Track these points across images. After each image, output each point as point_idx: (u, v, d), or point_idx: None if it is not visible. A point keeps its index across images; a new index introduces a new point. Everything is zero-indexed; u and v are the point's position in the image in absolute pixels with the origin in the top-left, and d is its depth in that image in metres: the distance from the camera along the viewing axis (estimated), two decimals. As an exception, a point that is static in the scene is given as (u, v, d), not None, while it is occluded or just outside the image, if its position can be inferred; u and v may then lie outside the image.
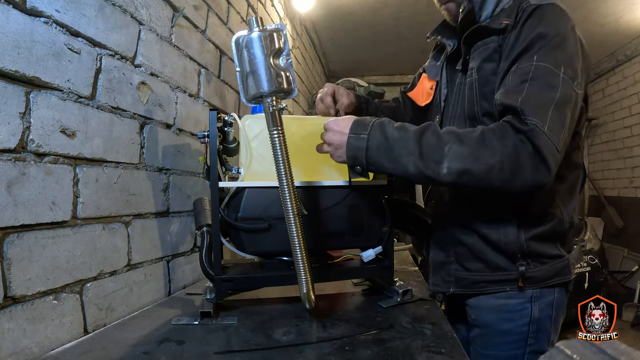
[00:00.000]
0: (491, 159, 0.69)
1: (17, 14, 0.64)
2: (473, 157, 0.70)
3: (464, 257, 0.89)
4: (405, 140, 0.74)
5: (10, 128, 0.64)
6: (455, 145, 0.71)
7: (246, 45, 0.72)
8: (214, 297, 0.87)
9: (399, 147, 0.75)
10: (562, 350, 0.31)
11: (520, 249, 0.83)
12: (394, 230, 1.01)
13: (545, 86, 0.71)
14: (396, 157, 0.75)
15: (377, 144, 0.76)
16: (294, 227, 0.74)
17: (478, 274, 0.87)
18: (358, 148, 0.77)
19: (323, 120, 0.98)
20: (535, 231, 0.83)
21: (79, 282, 0.78)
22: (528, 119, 0.68)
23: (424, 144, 0.73)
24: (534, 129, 0.68)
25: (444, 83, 1.01)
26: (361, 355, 0.67)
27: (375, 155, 0.77)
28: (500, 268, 0.85)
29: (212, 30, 1.38)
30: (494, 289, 0.86)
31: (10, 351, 0.63)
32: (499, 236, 0.84)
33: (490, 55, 0.83)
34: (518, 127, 0.69)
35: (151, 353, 0.68)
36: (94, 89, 0.82)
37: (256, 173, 0.90)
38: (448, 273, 0.91)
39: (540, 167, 0.69)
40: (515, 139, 0.69)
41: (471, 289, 0.89)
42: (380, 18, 3.30)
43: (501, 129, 0.71)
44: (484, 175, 0.70)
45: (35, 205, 0.68)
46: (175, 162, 1.13)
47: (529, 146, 0.68)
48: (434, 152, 0.72)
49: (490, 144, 0.70)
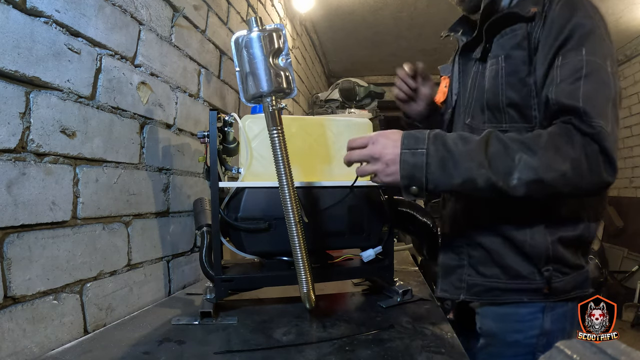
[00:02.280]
0: (562, 166, 0.66)
1: (17, 14, 0.64)
2: (545, 166, 0.67)
3: (480, 261, 0.82)
4: (472, 152, 0.69)
5: (10, 128, 0.64)
6: (525, 155, 0.67)
7: (245, 45, 0.72)
8: (214, 297, 0.87)
9: (467, 161, 0.69)
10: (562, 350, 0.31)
11: (547, 253, 0.76)
12: (394, 230, 1.01)
13: (600, 84, 0.69)
14: (464, 171, 0.69)
15: (439, 159, 0.69)
16: (294, 227, 0.74)
17: (493, 281, 0.80)
18: (415, 166, 0.70)
19: (323, 120, 0.98)
20: (562, 234, 0.76)
21: (79, 282, 0.78)
22: (594, 121, 0.66)
23: (492, 155, 0.68)
24: (600, 131, 0.66)
25: (455, 76, 0.95)
26: (361, 355, 0.67)
27: (438, 171, 0.70)
28: (520, 276, 0.77)
29: (212, 30, 1.38)
30: (509, 298, 0.78)
31: (10, 351, 0.63)
32: (525, 237, 0.77)
33: (519, 42, 0.77)
34: (584, 130, 0.67)
35: (151, 353, 0.68)
36: (94, 89, 0.82)
37: (256, 173, 0.90)
38: (459, 278, 0.84)
39: (608, 167, 0.67)
40: (582, 141, 0.67)
41: (483, 296, 0.81)
42: (380, 18, 3.30)
43: (567, 133, 0.68)
44: (555, 183, 0.67)
45: (35, 205, 0.68)
46: (175, 162, 1.13)
47: (595, 148, 0.66)
48: (503, 162, 0.68)
49: (560, 150, 0.67)
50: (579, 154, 0.67)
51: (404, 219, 1.12)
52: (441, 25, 1.16)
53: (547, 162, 0.67)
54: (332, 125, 0.97)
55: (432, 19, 3.26)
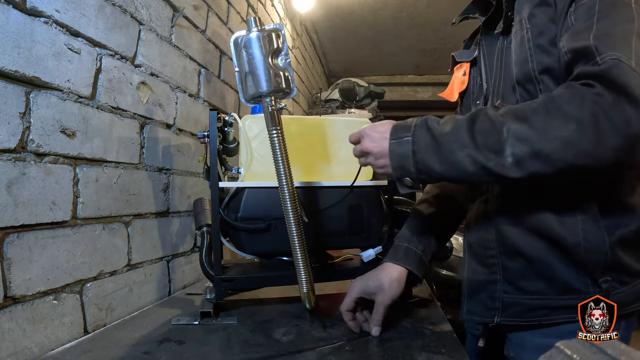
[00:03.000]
0: (563, 131, 0.52)
1: (17, 14, 0.64)
2: (540, 133, 0.53)
3: (519, 274, 0.67)
4: (456, 131, 0.59)
5: (10, 128, 0.64)
6: (514, 124, 0.55)
7: (245, 46, 0.72)
8: (214, 297, 0.87)
9: (449, 142, 0.59)
10: (562, 350, 0.31)
11: (605, 259, 0.60)
12: (394, 230, 1.01)
13: (618, 18, 0.55)
14: (447, 155, 0.59)
15: (424, 145, 0.61)
16: (294, 227, 0.74)
17: (538, 298, 0.65)
18: (403, 155, 0.63)
19: (323, 120, 0.98)
20: (620, 232, 0.61)
21: (79, 282, 0.78)
22: (605, 54, 0.52)
23: (477, 132, 0.58)
24: (615, 64, 0.50)
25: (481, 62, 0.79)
26: (361, 355, 0.67)
27: (425, 159, 0.62)
28: (572, 290, 0.63)
29: (212, 30, 1.38)
30: (559, 317, 0.64)
31: (10, 351, 0.63)
32: (578, 239, 0.61)
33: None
34: (591, 72, 0.52)
35: (151, 353, 0.68)
36: (94, 89, 0.82)
37: (256, 173, 0.90)
38: (492, 296, 0.69)
39: (633, 114, 0.49)
40: (588, 94, 0.51)
41: (527, 317, 0.66)
42: (380, 18, 3.30)
43: (570, 86, 0.55)
44: (561, 155, 0.52)
45: (35, 205, 0.68)
46: (175, 162, 1.13)
47: (606, 97, 0.50)
48: (491, 138, 0.56)
49: (560, 110, 0.53)
50: (583, 109, 0.51)
51: (404, 218, 1.12)
52: (441, 26, 1.15)
53: (542, 129, 0.54)
54: (331, 125, 0.97)
55: (432, 19, 3.26)
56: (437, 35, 3.62)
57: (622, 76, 0.50)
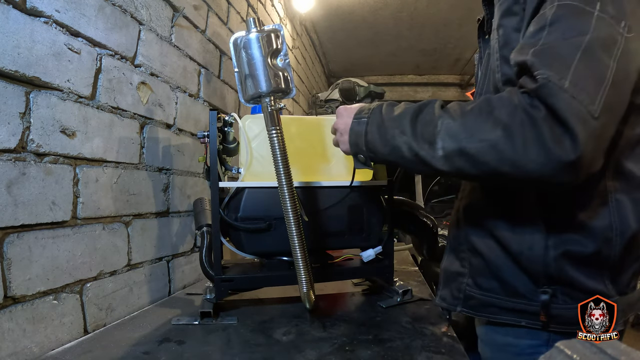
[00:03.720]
0: (490, 134, 0.52)
1: (17, 14, 0.64)
2: (468, 132, 0.54)
3: (478, 271, 0.69)
4: (401, 117, 0.62)
5: (10, 128, 0.64)
6: (448, 119, 0.56)
7: (244, 46, 0.72)
8: (214, 297, 0.87)
9: (392, 127, 0.62)
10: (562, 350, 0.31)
11: (546, 270, 0.61)
12: (394, 230, 1.01)
13: (570, 30, 0.51)
14: (390, 138, 0.62)
15: (375, 126, 0.65)
16: (294, 227, 0.74)
17: (490, 295, 0.67)
18: (358, 134, 0.67)
19: (323, 120, 0.98)
20: (570, 247, 0.60)
21: (79, 282, 0.78)
22: (539, 72, 0.50)
23: (419, 121, 0.59)
24: (545, 84, 0.49)
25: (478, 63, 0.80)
26: (361, 355, 0.67)
27: (373, 139, 0.65)
28: (518, 293, 0.64)
29: (212, 30, 1.38)
30: (506, 319, 0.66)
31: (10, 351, 0.63)
32: (522, 246, 0.63)
33: (509, 7, 0.63)
34: (526, 86, 0.52)
35: (151, 353, 0.68)
36: (94, 89, 0.82)
37: (256, 173, 0.90)
38: (459, 287, 0.72)
39: (563, 137, 0.48)
40: (523, 103, 0.51)
41: (479, 311, 0.69)
42: (380, 18, 3.30)
43: (507, 95, 0.54)
44: (484, 157, 0.53)
45: (35, 205, 0.68)
46: (175, 162, 1.13)
47: (541, 110, 0.49)
48: (427, 129, 0.58)
49: (489, 115, 0.53)
50: (517, 119, 0.51)
51: (404, 218, 1.12)
52: (441, 26, 1.15)
53: (470, 128, 0.54)
54: (331, 125, 0.97)
55: (432, 19, 3.26)
56: (437, 35, 3.62)
57: (549, 97, 0.49)
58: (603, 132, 0.50)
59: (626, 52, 0.51)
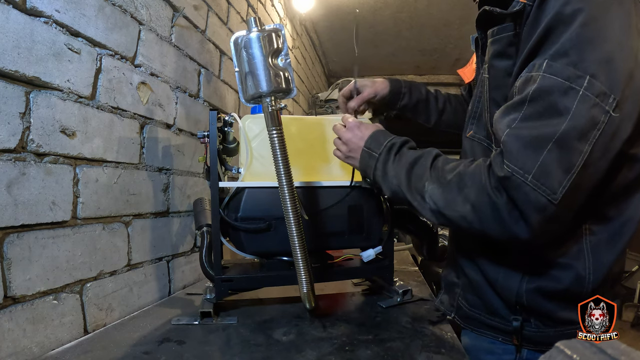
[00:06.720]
0: (462, 208, 0.60)
1: (17, 14, 0.64)
2: (446, 202, 0.62)
3: (466, 287, 0.77)
4: (400, 168, 0.71)
5: (10, 128, 0.64)
6: (432, 185, 0.64)
7: (245, 46, 0.72)
8: (214, 297, 0.87)
9: (392, 176, 0.72)
10: (562, 350, 0.31)
11: (518, 300, 0.66)
12: (394, 230, 1.01)
13: (544, 113, 0.52)
14: (389, 185, 0.72)
15: (382, 168, 0.74)
16: (294, 227, 0.74)
17: (474, 311, 0.74)
18: (368, 165, 0.77)
19: (323, 120, 0.98)
20: (542, 283, 0.64)
21: (79, 282, 0.78)
22: (506, 162, 0.54)
23: (414, 174, 0.68)
24: (510, 177, 0.53)
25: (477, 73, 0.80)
26: (361, 355, 0.67)
27: (379, 177, 0.75)
28: (497, 314, 0.70)
29: (212, 30, 1.38)
30: (485, 333, 0.73)
31: (10, 351, 0.63)
32: (497, 275, 0.69)
33: (503, 48, 0.63)
34: (495, 172, 0.56)
35: (151, 353, 0.68)
36: (94, 89, 0.82)
37: (256, 173, 0.90)
38: (453, 297, 0.79)
39: (518, 221, 0.55)
40: (488, 186, 0.57)
41: (466, 322, 0.77)
42: (380, 18, 3.30)
43: (478, 170, 0.59)
44: (459, 223, 0.62)
45: (35, 205, 0.68)
46: (175, 162, 1.13)
47: (503, 197, 0.55)
48: (419, 185, 0.66)
49: (462, 191, 0.60)
50: (483, 200, 0.57)
51: (404, 218, 1.12)
52: (441, 26, 1.16)
53: (448, 200, 0.62)
54: (331, 125, 0.97)
55: (432, 19, 3.26)
56: (437, 36, 3.62)
57: (510, 189, 0.54)
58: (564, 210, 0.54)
59: (609, 128, 0.51)
